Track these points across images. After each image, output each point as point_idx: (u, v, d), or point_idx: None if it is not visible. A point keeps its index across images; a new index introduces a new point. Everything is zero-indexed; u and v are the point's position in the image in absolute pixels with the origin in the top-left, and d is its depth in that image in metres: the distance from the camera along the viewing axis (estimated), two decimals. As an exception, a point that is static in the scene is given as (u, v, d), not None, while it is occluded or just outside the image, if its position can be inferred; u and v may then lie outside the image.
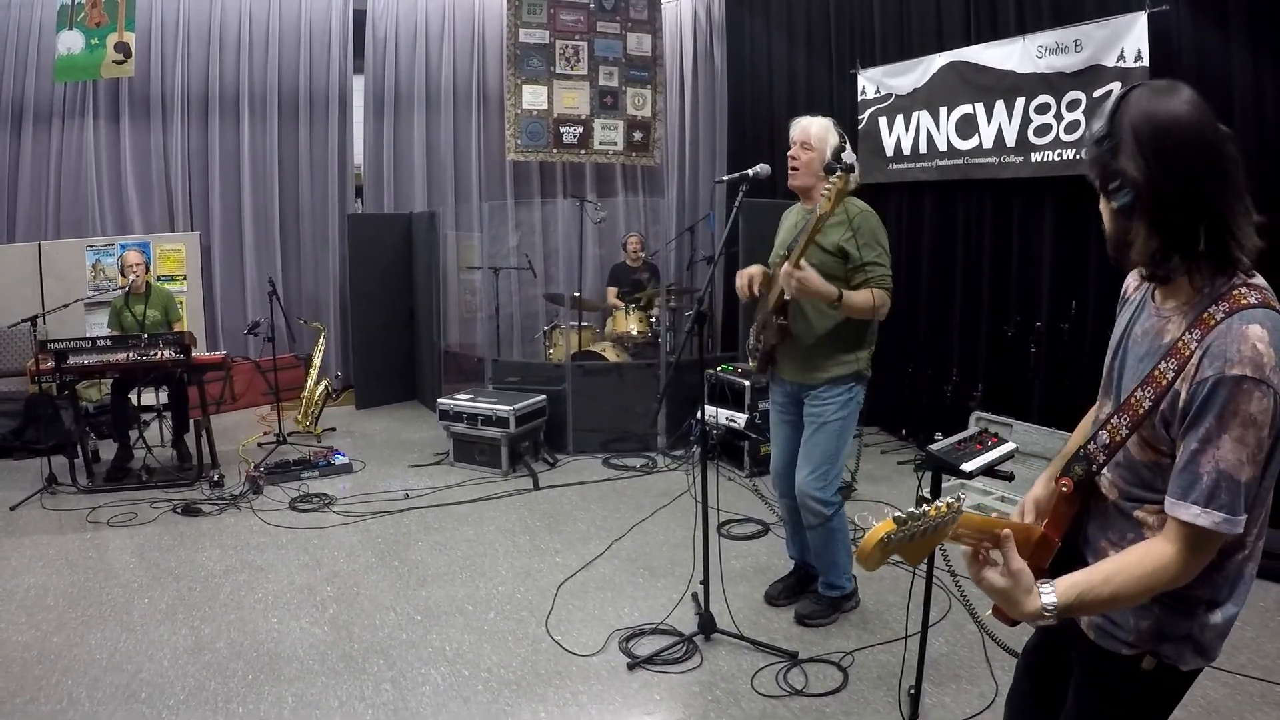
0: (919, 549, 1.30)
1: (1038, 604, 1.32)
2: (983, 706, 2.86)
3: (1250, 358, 1.23)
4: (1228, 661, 2.97)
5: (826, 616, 3.50)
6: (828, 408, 3.32)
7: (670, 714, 2.90)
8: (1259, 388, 1.23)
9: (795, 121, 3.36)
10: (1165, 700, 1.47)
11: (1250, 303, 1.27)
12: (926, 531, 1.27)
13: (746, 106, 8.50)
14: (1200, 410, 1.27)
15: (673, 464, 5.83)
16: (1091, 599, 1.32)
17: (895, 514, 1.23)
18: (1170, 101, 1.29)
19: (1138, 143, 1.28)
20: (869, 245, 3.18)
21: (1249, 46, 4.28)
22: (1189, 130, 1.27)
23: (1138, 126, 1.28)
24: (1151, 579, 1.30)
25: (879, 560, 1.25)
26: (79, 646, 3.32)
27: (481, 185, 8.68)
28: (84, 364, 5.14)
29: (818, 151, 3.24)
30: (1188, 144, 1.27)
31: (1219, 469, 1.25)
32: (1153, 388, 1.34)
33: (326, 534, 4.57)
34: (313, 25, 8.02)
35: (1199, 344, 1.28)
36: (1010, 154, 5.49)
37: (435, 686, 3.06)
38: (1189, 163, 1.26)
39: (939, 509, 1.25)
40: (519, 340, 8.44)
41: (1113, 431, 1.41)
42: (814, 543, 3.51)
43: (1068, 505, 1.48)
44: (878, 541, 1.23)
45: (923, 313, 6.28)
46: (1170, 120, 1.27)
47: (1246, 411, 1.23)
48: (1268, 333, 1.25)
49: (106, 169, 7.54)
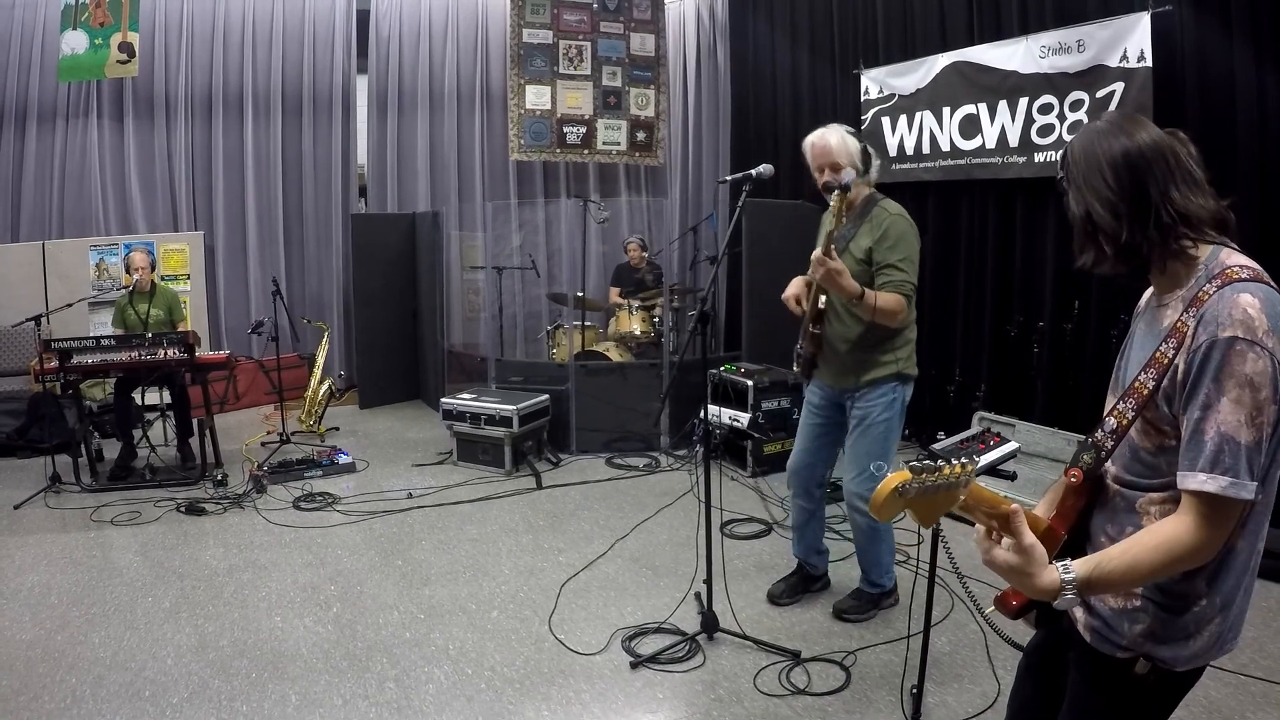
0: (930, 508, 1.31)
1: (1054, 577, 1.32)
2: (985, 706, 2.86)
3: (1241, 320, 1.27)
4: (1230, 661, 2.97)
5: (865, 612, 3.53)
6: (872, 409, 3.30)
7: (673, 713, 2.90)
8: (1252, 349, 1.26)
9: (808, 144, 3.27)
10: (1161, 704, 1.47)
11: (1242, 277, 1.33)
12: (939, 487, 1.27)
13: (750, 106, 8.50)
14: (1197, 377, 1.30)
15: (676, 464, 5.83)
16: (1110, 568, 1.32)
17: (911, 463, 1.25)
18: (1113, 139, 1.43)
19: (1077, 185, 1.46)
20: (892, 249, 3.16)
21: (1251, 46, 4.27)
22: (1119, 162, 1.41)
23: (1075, 166, 1.47)
24: (1167, 549, 1.30)
25: (893, 510, 1.27)
26: (83, 645, 3.33)
27: (485, 185, 8.69)
28: (88, 363, 5.16)
29: (848, 164, 3.15)
30: (1116, 175, 1.41)
31: (1220, 432, 1.27)
32: (1155, 368, 1.38)
33: (330, 533, 4.58)
34: (316, 25, 8.04)
35: (1194, 319, 1.33)
36: (1013, 154, 5.49)
37: (439, 685, 3.07)
38: (1110, 193, 1.41)
39: (953, 468, 1.27)
40: (522, 340, 8.45)
41: (1119, 416, 1.43)
42: (858, 541, 3.53)
43: (1075, 497, 1.49)
44: (892, 490, 1.25)
45: (926, 313, 6.25)
46: (1104, 154, 1.43)
47: (1242, 372, 1.26)
48: (1259, 300, 1.29)
49: (110, 169, 7.56)
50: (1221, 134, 4.37)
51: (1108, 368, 1.59)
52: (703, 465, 3.52)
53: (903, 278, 3.14)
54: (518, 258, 8.15)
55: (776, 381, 5.56)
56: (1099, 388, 1.61)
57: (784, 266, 3.91)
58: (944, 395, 5.99)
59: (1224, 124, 4.39)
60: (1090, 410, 1.46)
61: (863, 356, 3.28)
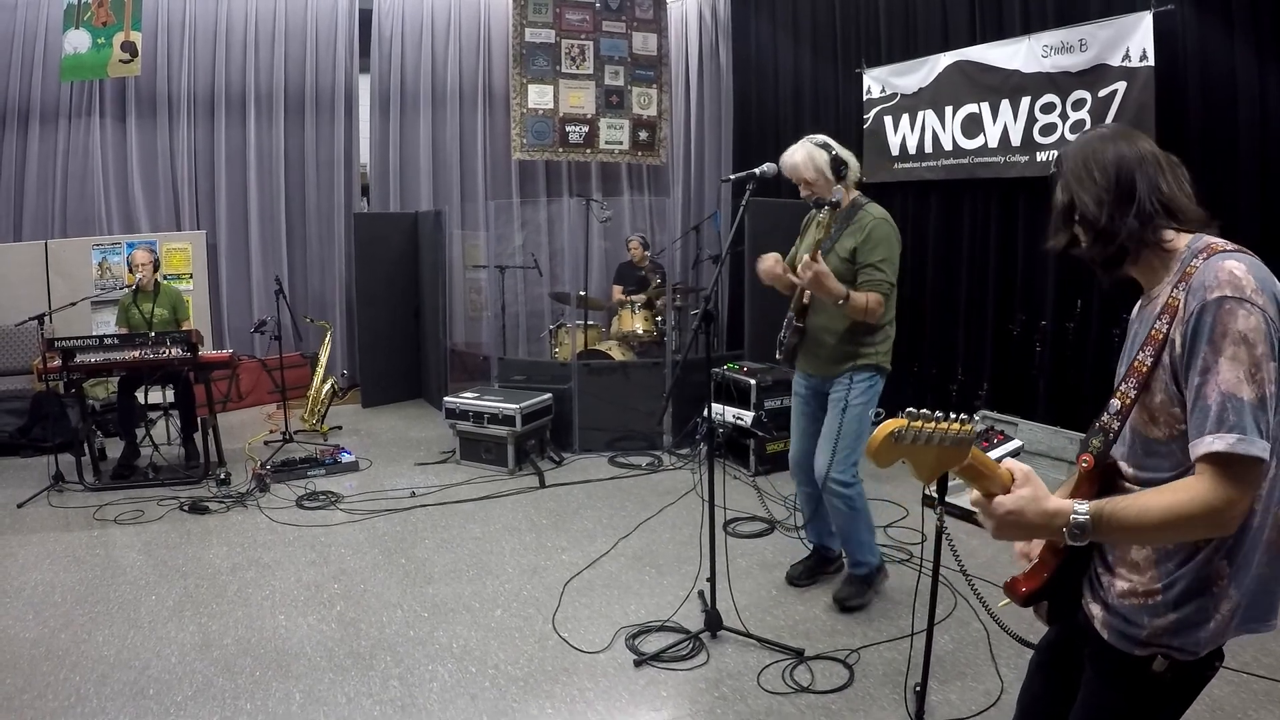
0: (929, 461, 1.31)
1: (1066, 504, 1.34)
2: (988, 703, 2.86)
3: (1228, 281, 1.30)
4: (1233, 659, 2.97)
5: (862, 595, 3.61)
6: (849, 394, 3.46)
7: (676, 710, 2.90)
8: (1242, 306, 1.28)
9: (781, 162, 3.47)
10: (1177, 701, 1.47)
11: (1226, 249, 1.37)
12: (936, 439, 1.27)
13: (752, 105, 8.51)
14: (1193, 342, 1.32)
15: (678, 462, 5.83)
16: (1120, 508, 1.32)
17: (908, 409, 1.26)
18: (1110, 145, 1.49)
19: (1067, 185, 1.52)
20: (874, 250, 3.36)
21: (1253, 45, 4.28)
22: (1109, 164, 1.47)
23: (1067, 170, 1.53)
24: (1180, 504, 1.29)
25: (889, 456, 1.28)
26: (86, 643, 3.33)
27: (487, 184, 8.70)
28: (91, 362, 5.16)
29: (817, 177, 3.39)
30: (1105, 175, 1.46)
31: (1221, 391, 1.27)
32: (1152, 345, 1.39)
33: (333, 532, 4.58)
34: (319, 24, 8.04)
35: (1184, 290, 1.35)
36: (1015, 153, 5.49)
37: (442, 683, 3.07)
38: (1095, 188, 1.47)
39: (951, 422, 1.28)
40: (525, 339, 8.46)
41: (1122, 397, 1.44)
42: (838, 524, 3.62)
43: (1088, 484, 1.49)
44: (887, 434, 1.26)
45: (928, 312, 6.28)
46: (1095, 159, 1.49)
47: (1235, 330, 1.27)
48: (1244, 265, 1.33)
49: (113, 168, 7.57)
50: (1223, 133, 4.38)
51: (1110, 367, 1.60)
52: (706, 464, 3.53)
53: (881, 277, 3.35)
54: (520, 257, 8.16)
55: (779, 380, 5.56)
56: (1101, 387, 1.62)
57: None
58: (946, 394, 5.99)
59: (1225, 123, 4.39)
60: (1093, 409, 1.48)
61: (846, 348, 3.47)
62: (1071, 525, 1.33)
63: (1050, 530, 1.36)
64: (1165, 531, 1.33)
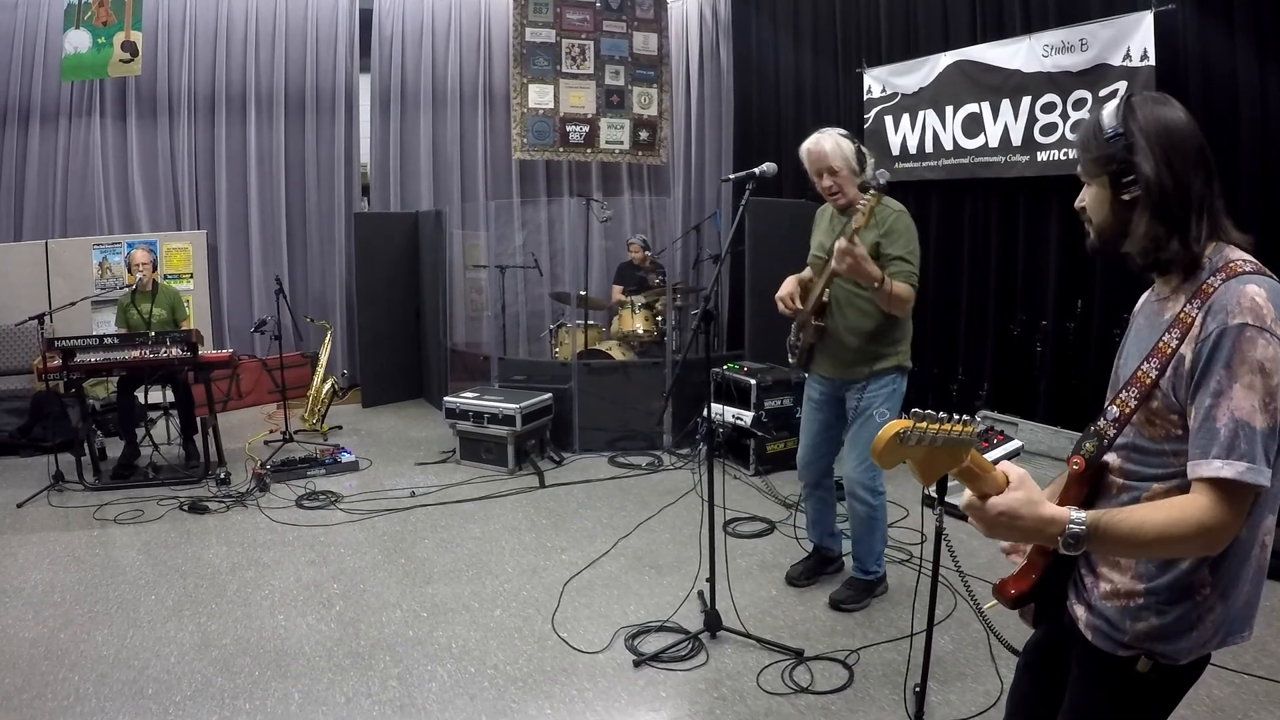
0: (930, 462, 1.31)
1: (1062, 511, 1.32)
2: (988, 704, 2.86)
3: (1250, 308, 1.29)
4: (1233, 660, 2.97)
5: (860, 601, 3.60)
6: (875, 400, 3.42)
7: (676, 711, 2.90)
8: (1262, 335, 1.27)
9: (804, 151, 3.40)
10: (1163, 701, 1.47)
11: (1245, 270, 1.34)
12: (939, 440, 1.28)
13: (753, 105, 8.50)
14: (1208, 364, 1.30)
15: (678, 462, 5.83)
16: (1117, 520, 1.31)
17: (914, 410, 1.26)
18: (1171, 109, 1.42)
19: (1148, 143, 1.39)
20: (897, 243, 3.29)
21: (1254, 45, 4.28)
22: (1187, 134, 1.40)
23: (1148, 129, 1.39)
24: (1175, 522, 1.29)
25: (893, 458, 1.28)
26: (86, 643, 3.33)
27: (488, 184, 8.70)
28: (91, 362, 5.16)
29: (844, 168, 3.33)
30: (1187, 146, 1.39)
31: (1234, 418, 1.27)
32: (1158, 358, 1.38)
33: (333, 531, 4.58)
34: (319, 24, 8.04)
35: (1199, 309, 1.34)
36: (1016, 153, 5.48)
37: (441, 683, 3.07)
38: (1188, 162, 1.39)
39: (954, 423, 1.28)
40: (525, 339, 8.45)
41: (1122, 405, 1.43)
42: (855, 529, 3.60)
43: (1078, 486, 1.48)
44: (893, 436, 1.26)
45: (929, 312, 6.27)
46: (1175, 125, 1.40)
47: (1253, 358, 1.27)
48: (1265, 291, 1.31)
49: (113, 168, 7.57)
50: (1224, 133, 4.37)
51: (1110, 367, 1.59)
52: (706, 464, 3.52)
53: (910, 269, 3.28)
54: (520, 257, 8.15)
55: (779, 380, 5.55)
56: (1101, 387, 1.60)
57: (786, 265, 3.92)
58: (947, 394, 5.98)
59: (1227, 123, 4.38)
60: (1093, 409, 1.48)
61: (871, 349, 3.40)
62: (1067, 535, 1.32)
63: (1044, 537, 1.35)
64: (1158, 547, 1.33)
